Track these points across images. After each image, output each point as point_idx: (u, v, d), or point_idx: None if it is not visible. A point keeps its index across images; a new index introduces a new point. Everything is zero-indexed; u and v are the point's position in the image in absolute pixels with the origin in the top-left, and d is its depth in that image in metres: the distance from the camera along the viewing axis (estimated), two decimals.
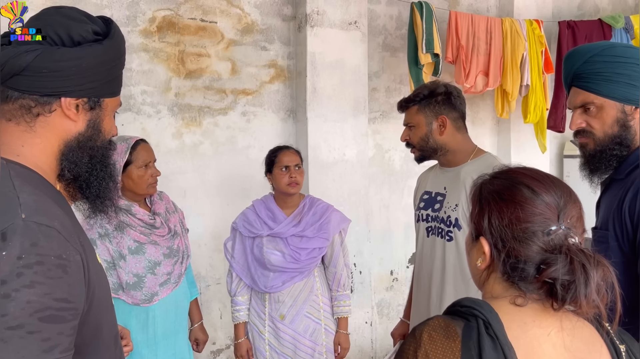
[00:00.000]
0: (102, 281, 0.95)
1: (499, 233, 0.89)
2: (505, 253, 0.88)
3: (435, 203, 1.98)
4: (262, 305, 2.36)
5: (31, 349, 0.75)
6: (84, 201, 1.05)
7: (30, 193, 0.84)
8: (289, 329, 2.31)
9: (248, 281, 2.35)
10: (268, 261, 2.28)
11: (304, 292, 2.33)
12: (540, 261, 0.86)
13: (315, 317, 2.34)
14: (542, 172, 0.94)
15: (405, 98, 2.01)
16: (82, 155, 0.99)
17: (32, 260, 0.77)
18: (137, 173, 1.94)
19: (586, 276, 0.82)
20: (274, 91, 3.44)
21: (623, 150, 1.45)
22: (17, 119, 0.93)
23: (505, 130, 4.29)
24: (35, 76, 0.91)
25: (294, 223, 2.33)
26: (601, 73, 1.44)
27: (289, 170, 2.31)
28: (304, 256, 2.28)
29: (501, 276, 0.90)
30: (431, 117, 1.92)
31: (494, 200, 0.91)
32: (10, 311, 0.74)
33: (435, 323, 0.86)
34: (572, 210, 0.89)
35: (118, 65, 1.03)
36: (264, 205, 2.40)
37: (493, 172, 0.98)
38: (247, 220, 2.38)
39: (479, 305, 0.87)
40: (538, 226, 0.87)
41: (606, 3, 4.74)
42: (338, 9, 3.39)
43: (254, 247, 2.34)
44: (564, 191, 0.91)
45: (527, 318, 0.87)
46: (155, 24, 3.07)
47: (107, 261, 1.89)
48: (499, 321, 0.85)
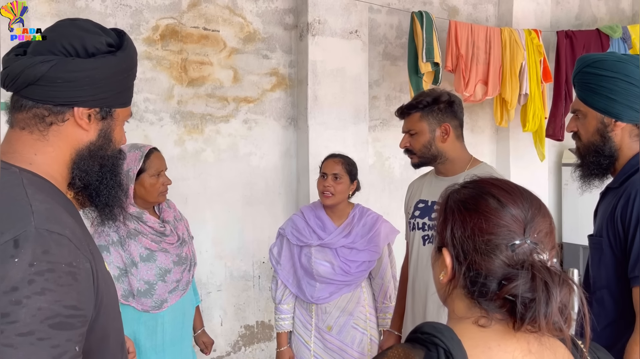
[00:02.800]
0: (110, 289, 0.96)
1: (460, 244, 0.84)
2: (466, 265, 0.83)
3: (432, 211, 1.96)
4: (308, 316, 2.30)
5: (41, 355, 0.76)
6: (93, 210, 1.06)
7: (42, 201, 0.86)
8: (336, 340, 2.26)
9: (294, 289, 2.30)
10: (316, 271, 2.22)
11: (352, 303, 2.28)
12: (502, 276, 0.80)
13: (362, 328, 2.29)
14: (513, 184, 0.89)
15: (406, 104, 1.97)
16: (93, 163, 1.00)
17: (43, 267, 0.78)
18: (150, 181, 1.95)
19: (548, 295, 0.76)
20: (275, 99, 3.47)
21: (602, 159, 1.52)
22: (30, 128, 0.95)
23: (504, 138, 4.31)
24: (49, 86, 0.92)
25: (344, 234, 2.25)
26: (588, 83, 1.52)
27: (327, 178, 2.23)
28: (354, 269, 2.21)
29: (463, 291, 0.86)
30: (434, 124, 1.91)
31: (459, 210, 0.87)
32: (21, 318, 0.75)
33: (395, 353, 0.81)
34: (540, 224, 0.83)
35: (130, 77, 1.05)
36: (313, 213, 2.32)
37: (463, 181, 0.94)
38: (296, 227, 2.30)
39: (440, 332, 0.81)
40: (502, 239, 0.82)
41: (604, 13, 4.78)
42: (339, 18, 3.42)
43: (302, 256, 2.28)
44: (533, 204, 0.85)
45: (491, 341, 0.82)
46: (158, 32, 3.10)
47: (120, 268, 1.90)
48: (462, 348, 0.79)
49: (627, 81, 1.43)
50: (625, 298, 1.41)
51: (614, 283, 1.44)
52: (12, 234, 0.78)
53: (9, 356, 0.74)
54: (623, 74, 1.44)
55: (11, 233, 0.78)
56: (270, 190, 3.47)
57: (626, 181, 1.46)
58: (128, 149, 1.99)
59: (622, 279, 1.41)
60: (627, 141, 1.50)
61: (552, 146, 4.44)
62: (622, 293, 1.41)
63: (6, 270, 0.76)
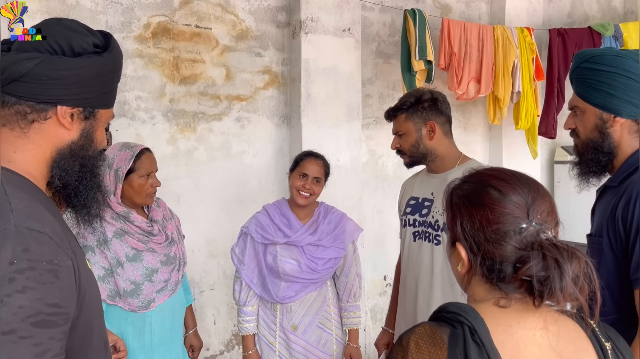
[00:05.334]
0: (92, 286, 0.96)
1: (472, 237, 0.90)
2: (480, 256, 0.89)
3: (422, 208, 2.00)
4: (272, 315, 2.26)
5: (23, 354, 0.76)
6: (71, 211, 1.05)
7: (22, 199, 0.85)
8: (300, 340, 2.23)
9: (258, 290, 2.25)
10: (282, 270, 2.19)
11: (317, 302, 2.26)
12: (515, 259, 0.86)
13: (327, 327, 2.28)
14: (509, 171, 0.95)
15: (392, 107, 2.03)
16: (73, 163, 1.00)
17: (24, 265, 0.78)
18: (139, 181, 1.93)
19: (560, 270, 0.82)
20: (268, 97, 3.46)
21: (601, 156, 1.49)
22: (11, 125, 0.94)
23: (497, 136, 4.33)
24: (34, 83, 0.92)
25: (310, 232, 2.24)
26: (586, 79, 1.49)
27: (307, 179, 2.21)
28: (321, 266, 2.20)
29: (481, 278, 0.91)
30: (420, 124, 1.95)
31: (464, 205, 0.93)
32: (2, 316, 0.74)
33: (422, 330, 0.86)
34: (541, 205, 0.89)
35: (115, 78, 1.05)
36: (278, 211, 2.29)
37: (462, 176, 0.99)
38: (261, 225, 2.25)
39: (465, 311, 0.87)
40: (509, 225, 0.87)
41: (595, 11, 4.81)
42: (332, 15, 3.41)
43: (267, 254, 2.23)
44: (532, 187, 0.91)
45: (511, 320, 0.88)
46: (150, 30, 3.08)
47: (105, 268, 1.88)
48: (485, 326, 0.85)
49: (627, 76, 1.41)
50: (625, 299, 1.38)
51: (615, 283, 1.40)
52: None
53: None
54: (622, 69, 1.41)
55: None
56: (263, 188, 3.45)
57: (626, 179, 1.43)
58: (119, 148, 1.97)
59: (623, 280, 1.38)
60: (626, 137, 1.46)
61: (544, 144, 4.47)
62: (623, 295, 1.39)
63: None
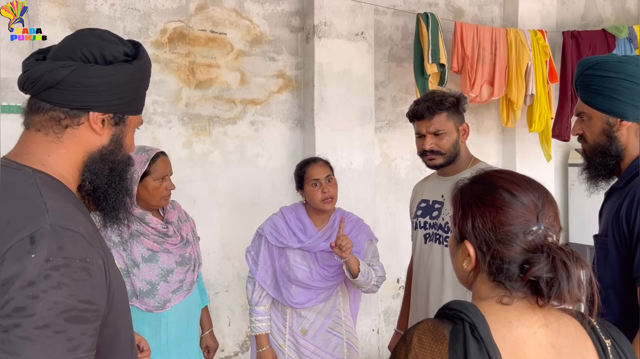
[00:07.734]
0: (120, 286, 0.99)
1: (483, 236, 0.92)
2: (490, 255, 0.91)
3: (433, 210, 2.01)
4: (282, 319, 2.25)
5: (57, 348, 0.79)
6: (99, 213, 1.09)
7: (56, 200, 0.89)
8: (310, 344, 2.22)
9: (271, 291, 2.23)
10: (294, 275, 2.17)
11: (327, 307, 2.24)
12: (523, 261, 0.89)
13: (337, 331, 2.25)
14: (519, 175, 0.98)
15: (432, 103, 1.92)
16: (103, 167, 1.04)
17: (59, 262, 0.81)
18: (153, 184, 1.96)
19: (568, 273, 0.85)
20: (282, 101, 3.49)
21: (609, 160, 1.52)
22: (46, 130, 0.98)
23: (510, 139, 4.32)
24: (67, 90, 0.96)
25: (324, 238, 2.19)
26: (591, 85, 1.53)
27: (320, 184, 2.15)
28: (331, 273, 2.17)
29: (487, 276, 0.93)
30: (458, 124, 1.96)
31: (476, 205, 0.94)
32: (38, 311, 0.78)
33: (425, 326, 0.90)
34: (549, 210, 0.92)
35: (143, 86, 1.09)
36: (294, 215, 2.25)
37: (471, 176, 1.01)
38: (276, 227, 2.23)
39: (466, 308, 0.90)
40: (519, 228, 0.90)
41: (610, 13, 4.78)
42: (345, 20, 3.44)
43: (281, 258, 2.21)
44: (541, 192, 0.94)
45: (512, 317, 0.90)
46: (166, 36, 3.13)
47: (121, 269, 1.92)
48: (485, 323, 0.87)
49: (630, 80, 1.45)
50: (630, 298, 1.41)
51: (620, 282, 1.44)
52: (28, 231, 0.81)
53: (27, 349, 0.77)
54: (625, 74, 1.46)
55: (27, 230, 0.81)
56: (277, 191, 3.49)
57: (631, 181, 1.47)
58: (135, 151, 2.00)
59: (628, 279, 1.42)
60: (633, 140, 1.51)
61: (558, 146, 4.44)
62: (628, 293, 1.42)
63: (23, 266, 0.79)
